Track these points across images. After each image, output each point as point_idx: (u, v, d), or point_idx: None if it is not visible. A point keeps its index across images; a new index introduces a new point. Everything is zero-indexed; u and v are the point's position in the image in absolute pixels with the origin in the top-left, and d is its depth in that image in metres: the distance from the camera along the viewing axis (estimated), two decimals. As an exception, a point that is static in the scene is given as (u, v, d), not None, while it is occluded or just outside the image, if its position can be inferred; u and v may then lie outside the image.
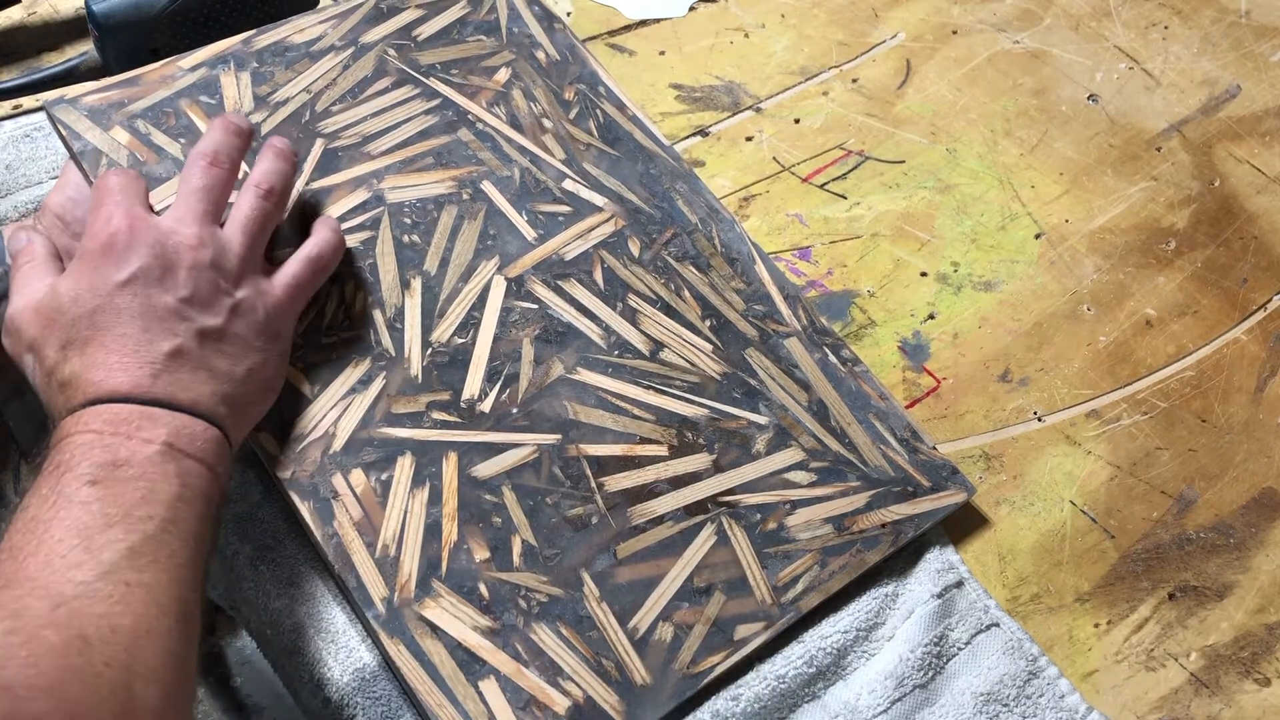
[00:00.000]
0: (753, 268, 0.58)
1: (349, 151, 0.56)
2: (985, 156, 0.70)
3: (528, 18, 0.64)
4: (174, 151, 0.54)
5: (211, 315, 0.45)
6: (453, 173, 0.57)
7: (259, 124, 0.56)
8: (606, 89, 0.63)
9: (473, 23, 0.63)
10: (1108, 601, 0.52)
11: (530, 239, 0.56)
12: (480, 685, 0.45)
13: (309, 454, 0.48)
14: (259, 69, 0.57)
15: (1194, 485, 0.57)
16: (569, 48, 0.64)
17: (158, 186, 0.52)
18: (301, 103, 0.57)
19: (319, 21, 0.60)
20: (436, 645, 0.45)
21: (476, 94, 0.60)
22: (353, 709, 0.46)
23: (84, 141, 0.53)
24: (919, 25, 0.78)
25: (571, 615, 0.47)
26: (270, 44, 0.58)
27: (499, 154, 0.58)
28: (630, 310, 0.55)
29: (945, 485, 0.53)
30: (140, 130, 0.54)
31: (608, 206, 0.58)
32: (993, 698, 0.48)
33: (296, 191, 0.54)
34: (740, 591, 0.48)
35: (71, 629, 0.35)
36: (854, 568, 0.50)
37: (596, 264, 0.56)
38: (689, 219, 0.59)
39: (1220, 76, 0.76)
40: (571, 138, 0.60)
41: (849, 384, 0.55)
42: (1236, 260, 0.66)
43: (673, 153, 0.62)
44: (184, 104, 0.55)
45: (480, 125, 0.59)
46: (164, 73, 0.56)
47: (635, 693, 0.45)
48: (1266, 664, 0.51)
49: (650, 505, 0.50)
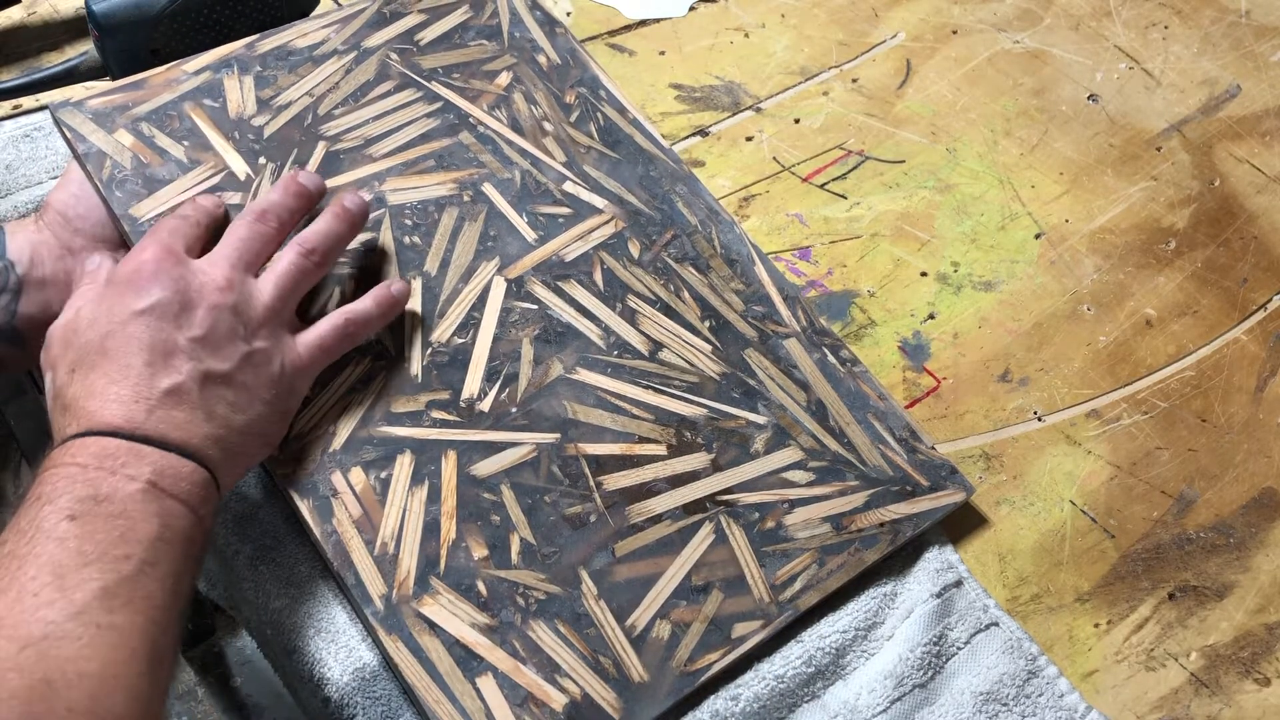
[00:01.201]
0: (752, 269, 0.59)
1: (351, 154, 0.56)
2: (985, 156, 0.70)
3: (529, 22, 0.64)
4: (177, 154, 0.54)
5: (221, 359, 0.44)
6: (454, 175, 0.57)
7: (261, 126, 0.56)
8: (607, 92, 0.63)
9: (474, 27, 0.63)
10: (1108, 601, 0.52)
11: (530, 240, 0.56)
12: (478, 682, 0.45)
13: (308, 452, 0.48)
14: (262, 72, 0.58)
15: (1194, 485, 0.57)
16: (570, 52, 0.64)
17: (161, 188, 0.53)
18: (304, 106, 0.57)
19: (322, 26, 0.60)
20: (434, 642, 0.45)
21: (478, 97, 0.60)
22: (353, 709, 0.46)
23: (88, 144, 0.53)
24: (919, 25, 0.78)
25: (569, 613, 0.47)
26: (274, 48, 0.59)
27: (500, 156, 0.59)
28: (629, 311, 0.55)
29: (944, 485, 0.53)
30: (144, 133, 0.54)
31: (608, 208, 0.58)
32: (992, 697, 0.48)
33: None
34: (738, 590, 0.48)
35: (36, 673, 0.34)
36: (852, 566, 0.50)
37: (596, 265, 0.56)
38: (689, 221, 0.59)
39: (1220, 76, 0.76)
40: (572, 140, 0.60)
41: (848, 384, 0.55)
42: (1236, 260, 0.66)
43: (673, 155, 0.62)
44: (187, 107, 0.56)
45: (481, 128, 0.59)
46: (168, 76, 0.56)
47: (633, 690, 0.45)
48: (1266, 664, 0.51)
49: (648, 504, 0.50)
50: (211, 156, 0.54)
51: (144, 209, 0.52)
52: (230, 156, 0.55)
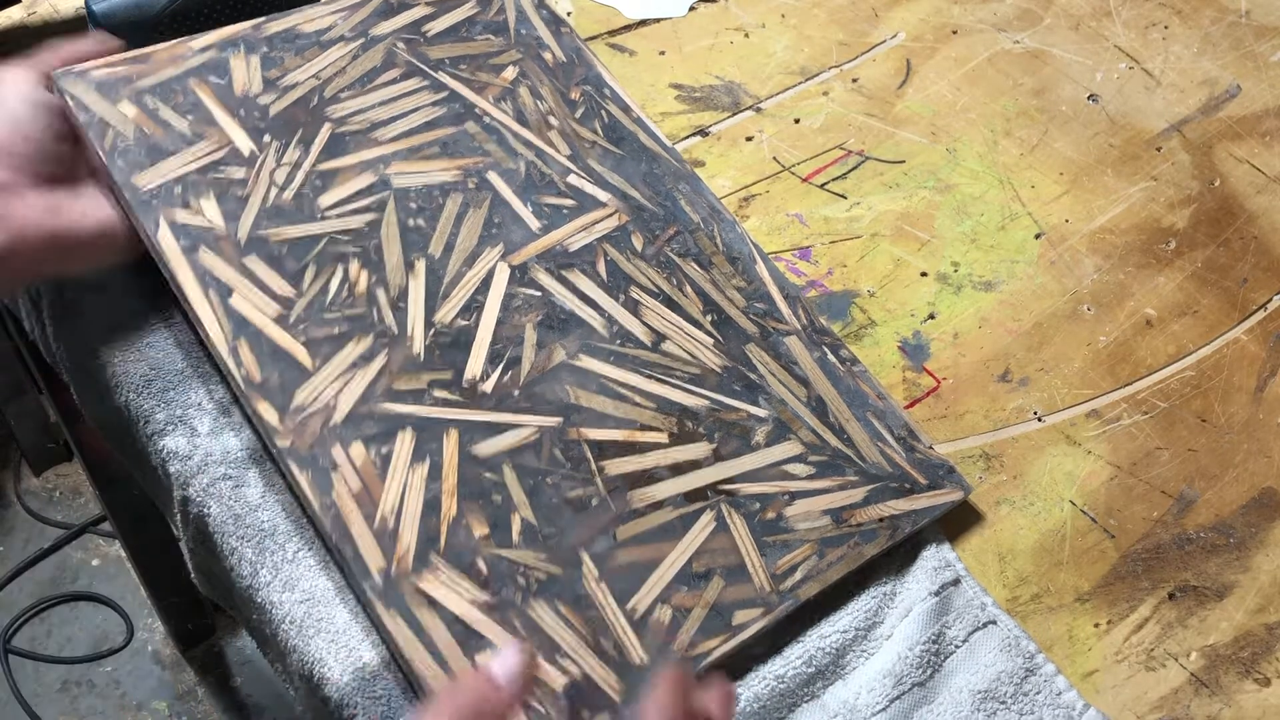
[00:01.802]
0: (753, 267, 0.59)
1: (356, 137, 0.57)
2: (985, 156, 0.70)
3: (535, 20, 0.65)
4: (181, 127, 0.54)
5: None
6: (459, 162, 0.57)
7: (267, 105, 0.56)
8: (612, 91, 0.64)
9: (481, 22, 0.63)
10: (1108, 601, 0.52)
11: (535, 229, 0.56)
12: (477, 659, 0.44)
13: (309, 425, 0.48)
14: (269, 53, 0.58)
15: (1194, 485, 0.57)
16: (575, 50, 0.64)
17: (164, 160, 0.53)
18: (310, 88, 0.57)
19: (330, 12, 0.61)
20: (433, 618, 0.45)
21: (484, 89, 0.61)
22: (353, 709, 0.46)
23: (90, 113, 0.53)
24: (919, 25, 0.78)
25: (570, 594, 0.46)
26: (281, 30, 0.59)
27: (505, 147, 0.59)
28: (633, 302, 0.55)
29: (942, 484, 0.53)
30: (148, 105, 0.54)
31: (611, 202, 0.59)
32: (990, 695, 0.48)
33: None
34: (739, 578, 0.48)
35: None
36: (851, 559, 0.50)
37: (600, 256, 0.56)
38: (691, 218, 0.60)
39: (1220, 76, 0.76)
40: (577, 135, 0.61)
41: (847, 382, 0.56)
42: (1236, 260, 0.66)
43: (675, 154, 0.62)
44: (193, 82, 0.56)
45: (487, 119, 0.60)
46: (174, 52, 0.57)
47: (633, 672, 0.45)
48: (1266, 664, 0.51)
49: (650, 490, 0.50)
50: (216, 132, 0.55)
51: (146, 179, 0.52)
52: (235, 132, 0.55)
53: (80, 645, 1.29)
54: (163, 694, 1.26)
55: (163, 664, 1.28)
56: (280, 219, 0.53)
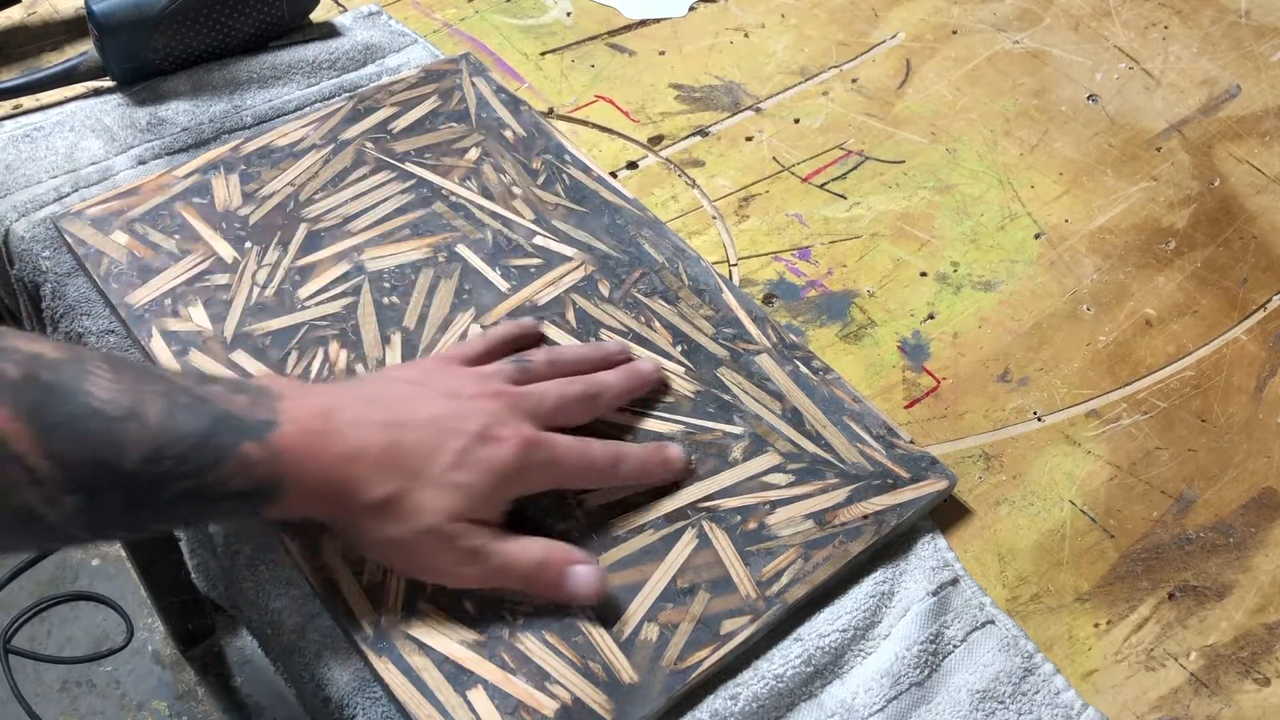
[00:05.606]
0: (720, 296, 0.60)
1: (331, 231, 0.60)
2: (985, 156, 0.70)
3: (495, 104, 0.68)
4: (169, 246, 0.59)
5: None
6: (428, 240, 0.60)
7: (246, 216, 0.60)
8: (572, 156, 0.66)
9: (444, 113, 0.67)
10: (1107, 601, 0.52)
11: (504, 290, 0.59)
12: (468, 694, 0.45)
13: None
14: (246, 170, 0.63)
15: (1194, 485, 0.57)
16: (534, 125, 0.67)
17: (154, 277, 0.57)
18: (286, 195, 0.62)
19: (302, 125, 0.66)
20: (424, 660, 0.46)
21: (449, 172, 0.64)
22: (353, 709, 0.46)
23: (87, 246, 0.58)
24: (919, 25, 0.78)
25: (556, 624, 0.47)
26: (257, 149, 0.64)
27: (472, 220, 0.61)
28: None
29: (925, 476, 0.53)
30: (138, 231, 0.59)
31: (577, 255, 0.61)
32: (988, 695, 0.48)
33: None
34: (725, 589, 0.49)
35: None
36: (838, 558, 0.50)
37: (569, 306, 0.58)
38: (655, 259, 0.61)
39: (1220, 76, 0.76)
40: (540, 200, 0.63)
41: (822, 391, 0.56)
42: (1236, 260, 0.66)
43: (638, 205, 0.64)
44: (178, 206, 0.61)
45: (454, 198, 0.63)
46: (161, 181, 0.62)
47: (624, 691, 0.46)
48: (1266, 664, 0.51)
49: (630, 517, 0.51)
50: (201, 246, 0.59)
51: (139, 296, 0.56)
52: (218, 244, 0.59)
53: (80, 645, 1.29)
54: (163, 694, 1.26)
55: (163, 664, 1.29)
56: (263, 314, 0.56)
